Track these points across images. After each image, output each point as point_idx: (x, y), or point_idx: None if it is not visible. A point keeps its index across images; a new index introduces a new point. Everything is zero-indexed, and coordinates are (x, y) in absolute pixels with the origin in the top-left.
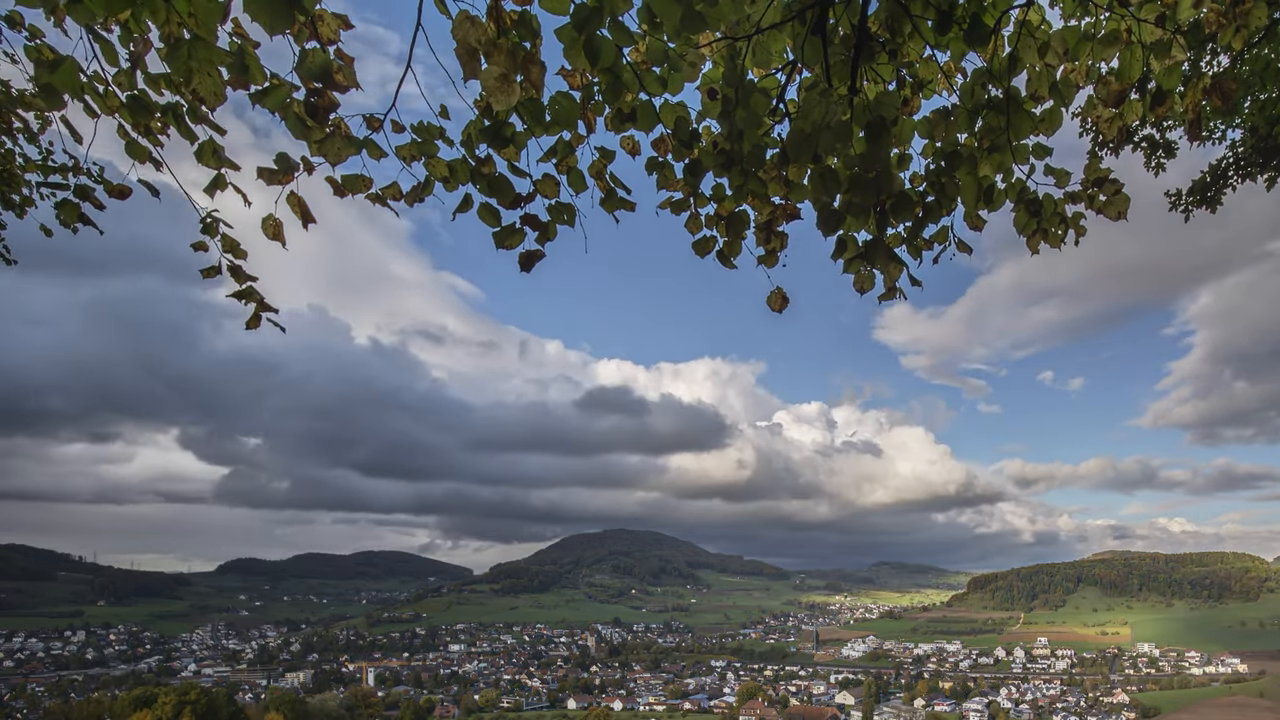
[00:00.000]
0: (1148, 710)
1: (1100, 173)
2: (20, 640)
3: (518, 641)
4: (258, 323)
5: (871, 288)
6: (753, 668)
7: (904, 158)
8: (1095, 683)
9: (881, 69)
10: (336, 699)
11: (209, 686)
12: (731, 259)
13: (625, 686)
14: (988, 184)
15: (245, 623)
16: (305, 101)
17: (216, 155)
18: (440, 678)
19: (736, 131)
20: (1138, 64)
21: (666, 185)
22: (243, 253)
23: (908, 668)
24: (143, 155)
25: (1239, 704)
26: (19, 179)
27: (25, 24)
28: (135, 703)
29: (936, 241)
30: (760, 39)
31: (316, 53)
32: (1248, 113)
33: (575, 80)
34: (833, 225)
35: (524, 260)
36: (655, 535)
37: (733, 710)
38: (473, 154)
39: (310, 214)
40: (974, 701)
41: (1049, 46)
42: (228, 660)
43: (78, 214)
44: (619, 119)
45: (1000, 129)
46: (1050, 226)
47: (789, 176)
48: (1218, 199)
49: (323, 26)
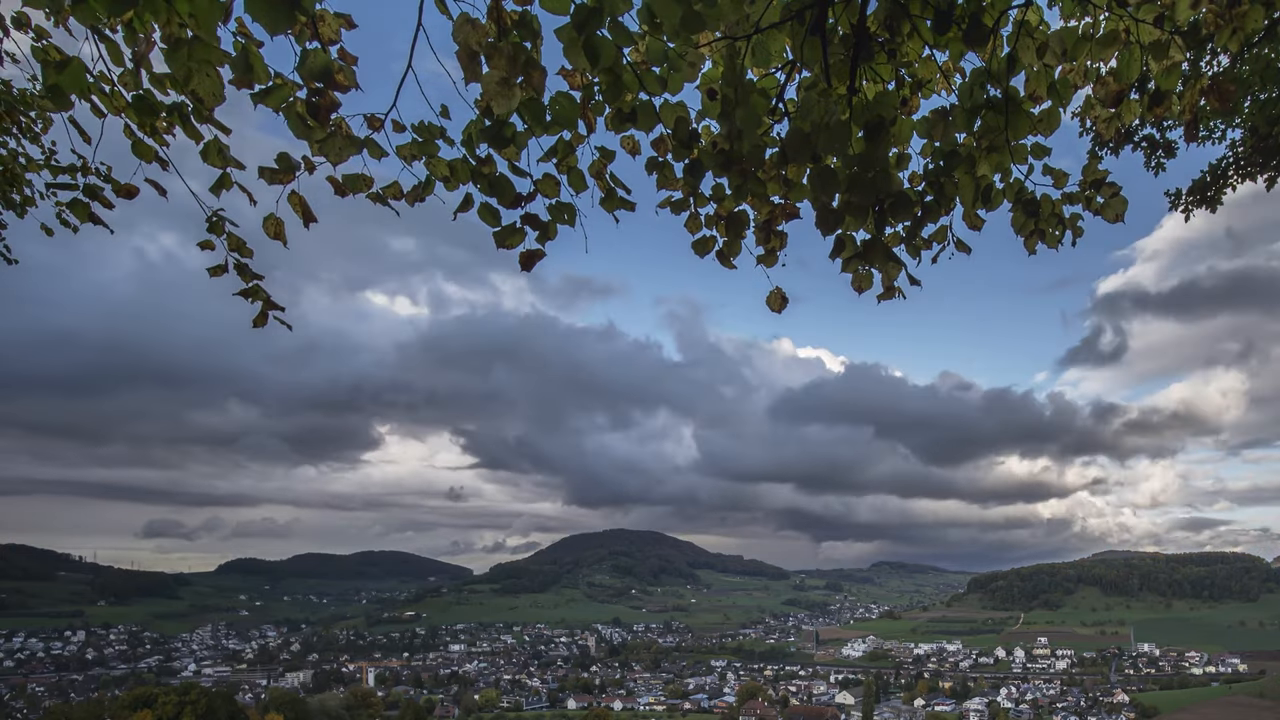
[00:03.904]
0: (1148, 710)
1: (1098, 175)
2: (20, 640)
3: (518, 641)
4: (265, 320)
5: (870, 287)
6: (753, 668)
7: (903, 157)
8: (1095, 683)
9: (880, 69)
10: (336, 699)
11: (209, 686)
12: (731, 259)
13: (625, 686)
14: (986, 184)
15: (245, 623)
16: (307, 101)
17: (221, 154)
18: (440, 678)
19: (736, 131)
20: (1136, 64)
21: (666, 185)
22: (249, 251)
23: (908, 668)
24: (149, 155)
25: (1239, 704)
26: (21, 179)
27: (32, 25)
28: (135, 703)
29: (935, 241)
30: (759, 39)
31: (317, 53)
32: (1248, 113)
33: (575, 80)
34: (831, 225)
35: (524, 260)
36: (655, 535)
37: (733, 710)
38: (473, 153)
39: (311, 213)
40: (974, 701)
41: (1047, 47)
42: (228, 660)
43: (88, 213)
44: (619, 119)
45: (999, 129)
46: (1048, 227)
47: (788, 176)
48: (1218, 199)
49: (324, 26)
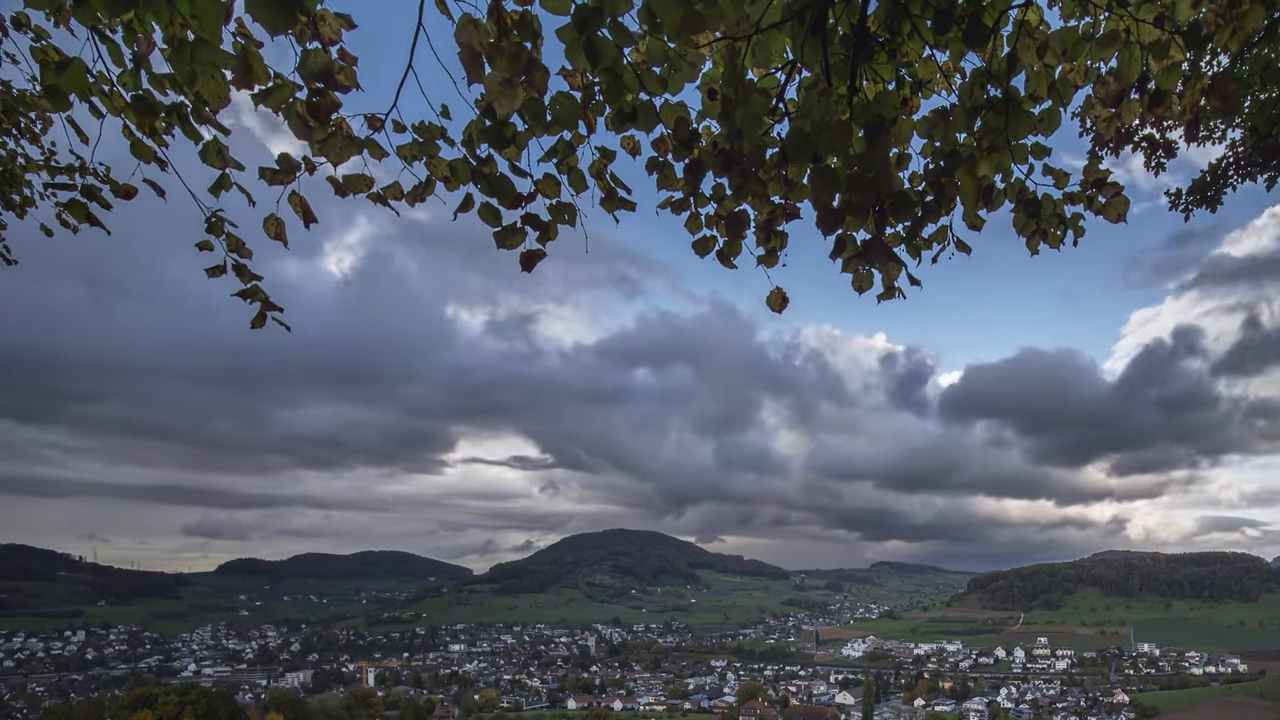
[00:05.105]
0: (1148, 710)
1: (1099, 174)
2: (20, 640)
3: (518, 641)
4: (263, 321)
5: (870, 287)
6: (753, 668)
7: (903, 157)
8: (1095, 683)
9: (881, 69)
10: (336, 699)
11: (209, 686)
12: (731, 258)
13: (625, 686)
14: (987, 184)
15: (245, 623)
16: (307, 102)
17: (221, 155)
18: (440, 678)
19: (736, 131)
20: (1136, 64)
21: (667, 185)
22: (248, 252)
23: (908, 668)
24: (148, 155)
25: (1239, 704)
26: (20, 179)
27: (31, 25)
28: (135, 703)
29: (935, 241)
30: (760, 39)
31: (318, 53)
32: (1248, 113)
33: (576, 80)
34: (832, 225)
35: (525, 260)
36: (655, 535)
37: (733, 710)
38: (474, 154)
39: (311, 213)
40: (974, 701)
41: (1048, 46)
42: (228, 660)
43: (85, 214)
44: (619, 119)
45: (999, 129)
46: (1049, 227)
47: (788, 176)
48: (1218, 198)
49: (324, 26)
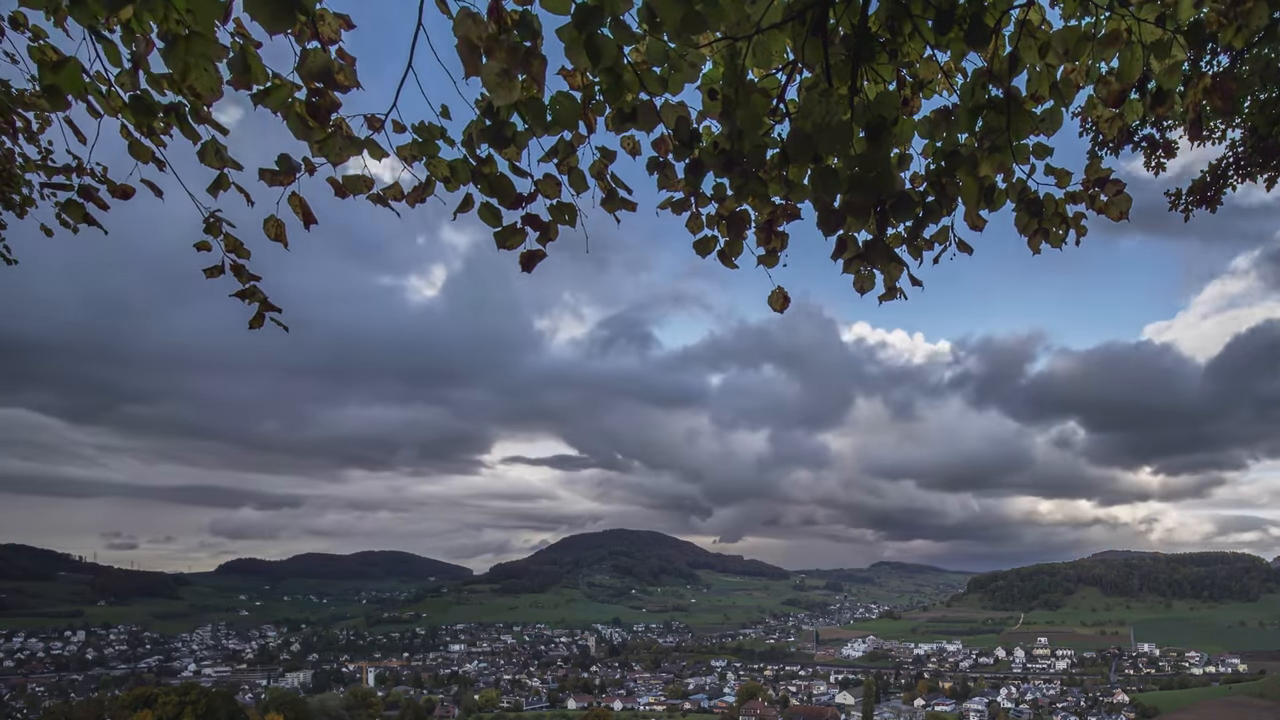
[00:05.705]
0: (1148, 710)
1: (1101, 173)
2: (20, 640)
3: (518, 641)
4: (261, 322)
5: (872, 288)
6: (753, 668)
7: (904, 158)
8: (1095, 683)
9: (882, 69)
10: (336, 699)
11: (209, 686)
12: (732, 259)
13: (625, 686)
14: (988, 184)
15: (245, 623)
16: (307, 102)
17: (219, 155)
18: (440, 678)
19: (737, 131)
20: (1138, 64)
21: (667, 185)
22: (246, 252)
23: (908, 668)
24: (146, 155)
25: (1239, 704)
26: (19, 179)
27: (28, 24)
28: (135, 703)
29: (937, 241)
30: (760, 39)
31: (317, 53)
32: (1248, 112)
33: (576, 80)
34: (833, 225)
35: (525, 260)
36: (655, 535)
37: (733, 710)
38: (474, 154)
39: (311, 214)
40: (974, 701)
41: (1049, 46)
42: (228, 660)
43: (82, 214)
44: (620, 119)
45: (1001, 129)
46: (1051, 226)
47: (789, 176)
48: (1217, 199)
49: (323, 26)
